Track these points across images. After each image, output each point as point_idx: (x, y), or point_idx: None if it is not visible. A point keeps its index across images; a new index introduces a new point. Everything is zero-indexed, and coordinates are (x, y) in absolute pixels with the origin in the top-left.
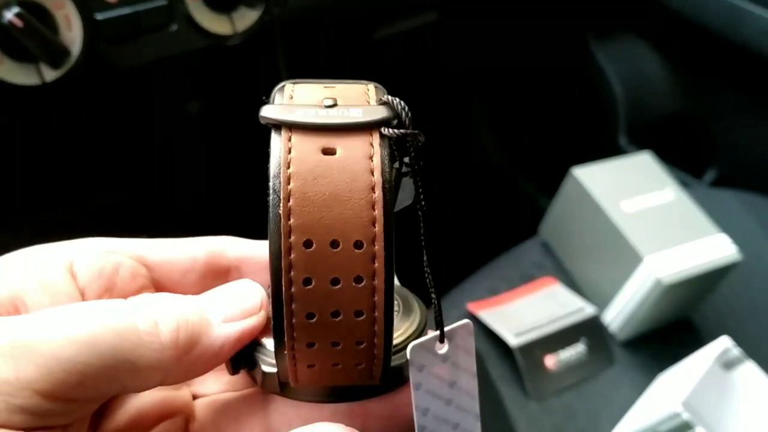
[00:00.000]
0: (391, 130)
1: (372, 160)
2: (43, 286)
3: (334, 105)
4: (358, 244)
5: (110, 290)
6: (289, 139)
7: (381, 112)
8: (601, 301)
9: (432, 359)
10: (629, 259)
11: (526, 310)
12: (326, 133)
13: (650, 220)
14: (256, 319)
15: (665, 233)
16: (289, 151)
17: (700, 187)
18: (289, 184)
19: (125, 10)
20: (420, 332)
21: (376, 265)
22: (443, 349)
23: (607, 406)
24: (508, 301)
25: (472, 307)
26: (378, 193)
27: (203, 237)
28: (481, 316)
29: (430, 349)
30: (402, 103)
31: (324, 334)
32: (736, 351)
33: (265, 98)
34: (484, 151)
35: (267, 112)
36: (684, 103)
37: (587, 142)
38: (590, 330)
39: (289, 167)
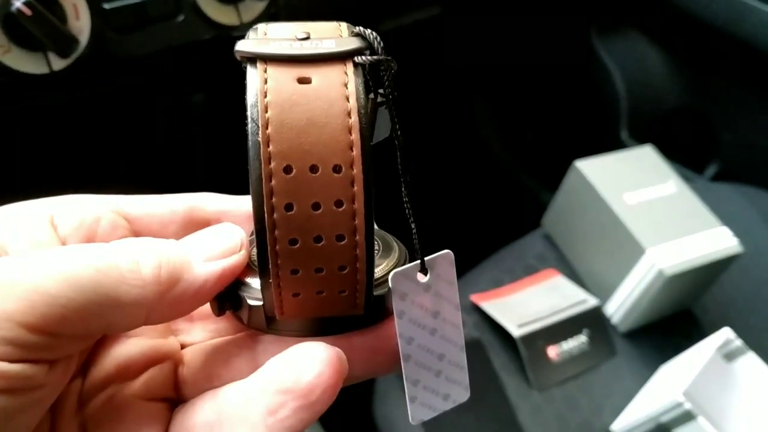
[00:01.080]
0: (364, 57)
1: (347, 87)
2: (24, 237)
3: (308, 38)
4: (336, 168)
5: (91, 240)
6: (265, 71)
7: (354, 43)
8: (604, 292)
9: (414, 288)
10: (631, 250)
11: (529, 302)
12: (301, 64)
13: (652, 213)
14: (237, 258)
15: (667, 225)
16: (265, 82)
17: (701, 182)
18: (266, 112)
19: (133, 0)
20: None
21: (355, 188)
22: (425, 278)
23: (609, 396)
24: (511, 292)
25: (475, 298)
26: (354, 118)
27: (183, 193)
28: (484, 308)
29: (411, 278)
30: (374, 33)
31: (307, 260)
32: (737, 342)
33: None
34: (487, 145)
35: (242, 46)
36: (685, 98)
37: (589, 137)
38: (592, 321)
39: (266, 96)
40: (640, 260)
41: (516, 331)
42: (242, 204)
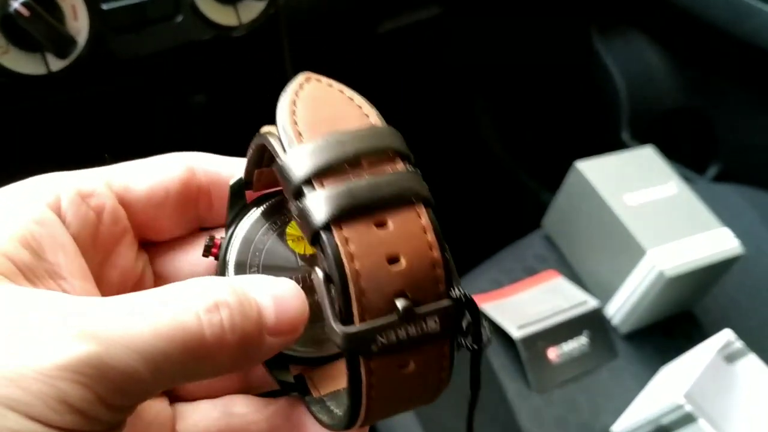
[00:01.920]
0: (467, 343)
1: (443, 368)
2: (43, 229)
3: (411, 312)
4: None
5: (95, 237)
6: (370, 361)
7: (451, 317)
8: (604, 294)
9: None
10: (632, 252)
11: (529, 303)
12: (405, 351)
13: (653, 214)
14: (297, 336)
15: (668, 227)
16: (371, 374)
17: (702, 183)
18: (370, 399)
19: (131, 1)
20: None
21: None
22: None
23: (609, 398)
24: (511, 293)
25: (475, 299)
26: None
27: (173, 158)
28: (484, 309)
29: None
30: (467, 294)
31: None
32: (738, 344)
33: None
34: (488, 145)
35: (348, 342)
36: (686, 99)
37: (590, 137)
38: (593, 323)
39: (371, 388)
40: (641, 261)
41: (516, 333)
42: (231, 169)
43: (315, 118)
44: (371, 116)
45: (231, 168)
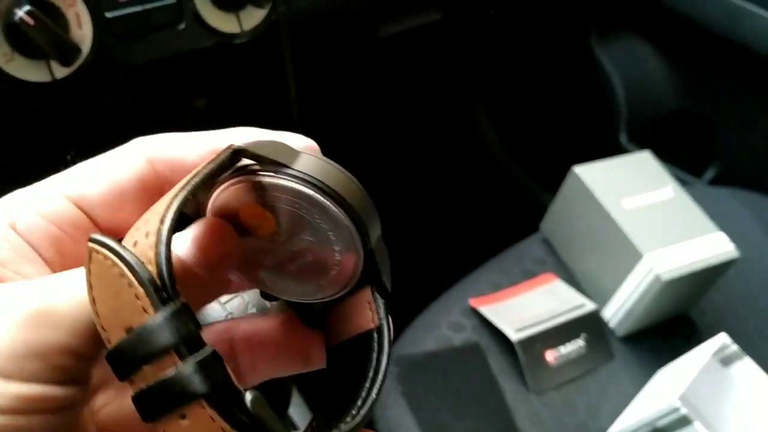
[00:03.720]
0: None
1: None
2: (8, 244)
3: None
4: None
5: (63, 253)
6: None
7: None
8: (601, 297)
9: None
10: (629, 255)
11: (527, 306)
12: None
13: (650, 218)
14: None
15: (665, 231)
16: None
17: (699, 186)
18: None
19: (135, 9)
20: None
21: None
22: None
23: (606, 400)
24: (509, 296)
25: (474, 302)
26: None
27: (130, 152)
28: (482, 311)
29: None
30: None
31: None
32: (733, 347)
33: None
34: (487, 148)
35: None
36: (684, 102)
37: (588, 140)
38: (590, 325)
39: None
40: (638, 265)
41: (514, 335)
42: (189, 151)
43: (109, 312)
44: (148, 309)
45: (194, 151)
